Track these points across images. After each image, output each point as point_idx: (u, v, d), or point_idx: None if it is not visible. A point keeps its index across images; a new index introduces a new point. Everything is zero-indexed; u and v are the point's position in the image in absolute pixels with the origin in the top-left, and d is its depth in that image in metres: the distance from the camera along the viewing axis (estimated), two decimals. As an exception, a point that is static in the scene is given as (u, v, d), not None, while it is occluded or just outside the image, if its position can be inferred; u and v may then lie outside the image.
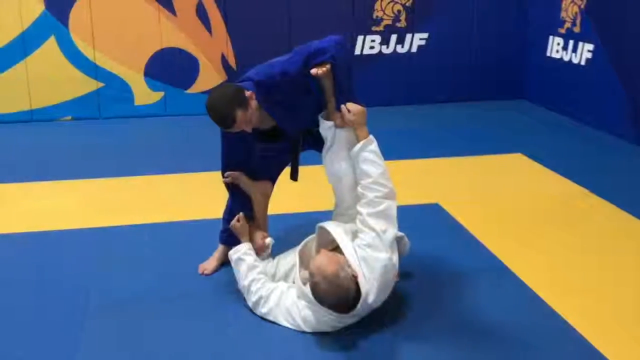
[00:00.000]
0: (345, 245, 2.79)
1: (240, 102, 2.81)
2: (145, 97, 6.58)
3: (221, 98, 2.82)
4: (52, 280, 3.34)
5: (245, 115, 2.82)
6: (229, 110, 2.79)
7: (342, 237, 2.83)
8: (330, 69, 2.85)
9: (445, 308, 3.06)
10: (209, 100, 2.85)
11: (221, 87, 2.94)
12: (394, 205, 2.89)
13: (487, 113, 6.81)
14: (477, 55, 7.07)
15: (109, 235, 3.89)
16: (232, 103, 2.79)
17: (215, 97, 2.85)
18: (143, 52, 6.46)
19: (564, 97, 6.60)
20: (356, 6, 6.72)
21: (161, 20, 6.38)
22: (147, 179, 4.88)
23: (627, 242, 3.76)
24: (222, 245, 3.45)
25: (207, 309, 3.07)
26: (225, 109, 2.80)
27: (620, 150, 5.53)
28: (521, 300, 3.15)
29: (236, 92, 2.83)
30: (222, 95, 2.83)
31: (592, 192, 4.50)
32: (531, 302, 3.12)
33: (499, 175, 4.97)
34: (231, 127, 2.84)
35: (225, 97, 2.81)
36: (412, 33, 6.90)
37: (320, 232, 2.97)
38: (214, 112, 2.82)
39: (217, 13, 6.46)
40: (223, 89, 2.89)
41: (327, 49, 2.87)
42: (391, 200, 2.88)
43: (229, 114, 2.79)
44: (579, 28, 6.31)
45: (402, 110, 6.83)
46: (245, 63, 6.53)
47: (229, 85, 2.94)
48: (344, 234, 2.84)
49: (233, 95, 2.81)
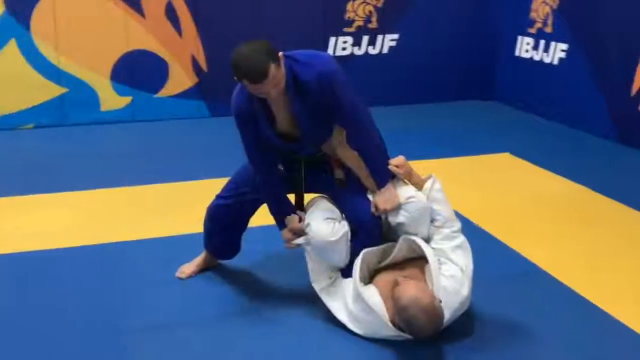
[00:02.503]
0: (435, 269, 2.67)
1: (274, 57, 2.54)
2: (112, 102, 6.26)
3: (256, 48, 2.52)
4: (69, 302, 3.08)
5: (277, 73, 2.54)
6: (264, 61, 2.49)
7: (434, 259, 2.70)
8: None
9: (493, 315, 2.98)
10: (241, 51, 2.54)
11: (249, 42, 2.59)
12: (466, 240, 2.84)
13: (460, 113, 6.82)
14: (447, 55, 7.07)
15: (99, 252, 3.60)
16: (267, 54, 2.51)
17: (248, 47, 2.53)
18: (109, 55, 6.15)
19: (536, 96, 6.67)
20: (328, 7, 6.61)
21: (128, 22, 6.09)
22: (119, 191, 4.54)
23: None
24: (206, 252, 3.29)
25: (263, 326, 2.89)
26: (261, 59, 2.49)
27: (601, 147, 5.62)
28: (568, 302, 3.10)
29: (270, 46, 2.57)
30: (256, 47, 2.53)
31: (591, 190, 4.54)
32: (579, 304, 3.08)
33: (495, 175, 4.95)
34: (262, 80, 2.52)
35: (261, 48, 2.53)
36: (383, 34, 6.84)
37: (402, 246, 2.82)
38: (248, 61, 2.50)
39: (187, 13, 6.21)
40: (254, 42, 2.57)
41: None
42: (463, 235, 2.84)
43: (264, 65, 2.49)
44: (550, 28, 6.39)
45: (375, 111, 6.66)
46: (216, 65, 6.35)
47: (258, 40, 2.61)
48: (434, 255, 2.72)
49: (268, 48, 2.54)
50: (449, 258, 2.75)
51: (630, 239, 3.79)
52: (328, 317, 2.86)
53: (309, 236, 2.81)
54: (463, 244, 2.80)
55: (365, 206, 2.81)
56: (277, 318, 2.93)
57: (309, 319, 2.91)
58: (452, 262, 2.74)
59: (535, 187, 4.67)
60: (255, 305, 3.04)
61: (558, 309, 3.04)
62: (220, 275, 3.31)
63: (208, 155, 5.39)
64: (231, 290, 3.18)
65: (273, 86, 2.56)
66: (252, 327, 2.87)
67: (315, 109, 2.71)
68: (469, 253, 2.80)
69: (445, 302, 2.62)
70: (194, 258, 3.36)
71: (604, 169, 5.05)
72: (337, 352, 2.71)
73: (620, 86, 5.58)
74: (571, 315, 2.98)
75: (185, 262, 3.37)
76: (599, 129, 5.87)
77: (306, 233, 2.83)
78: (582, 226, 3.98)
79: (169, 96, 6.37)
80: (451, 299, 2.65)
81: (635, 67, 5.42)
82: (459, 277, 2.70)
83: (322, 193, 2.98)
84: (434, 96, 7.13)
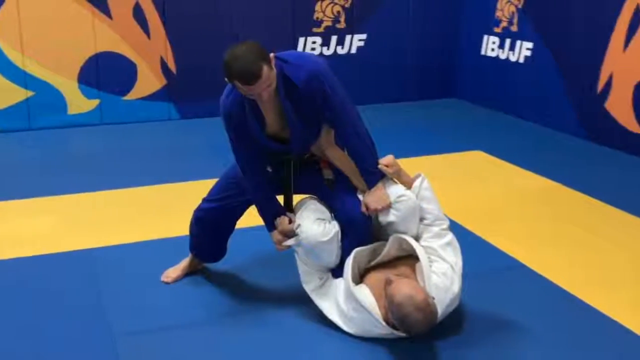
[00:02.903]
0: (426, 266, 2.69)
1: (266, 58, 2.54)
2: (80, 105, 6.14)
3: (249, 50, 2.51)
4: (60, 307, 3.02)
5: (270, 74, 2.54)
6: (257, 63, 2.49)
7: (424, 257, 2.72)
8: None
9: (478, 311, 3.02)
10: (233, 52, 2.52)
11: (241, 43, 2.58)
12: (455, 237, 2.87)
13: (429, 112, 6.89)
14: (414, 55, 7.14)
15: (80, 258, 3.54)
16: (260, 56, 2.51)
17: (240, 49, 2.52)
18: (76, 57, 6.03)
19: (502, 94, 6.78)
20: (297, 8, 6.61)
21: (95, 23, 5.99)
22: (92, 196, 4.46)
23: (624, 232, 3.89)
24: (192, 256, 3.27)
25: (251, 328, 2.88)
26: (254, 60, 2.48)
27: (569, 144, 5.74)
28: (550, 295, 3.16)
29: (262, 47, 2.56)
30: (249, 47, 2.52)
31: (563, 185, 4.64)
32: (561, 297, 3.14)
33: (470, 172, 5.02)
34: (256, 82, 2.50)
35: (254, 49, 2.52)
36: (352, 34, 6.87)
37: (392, 245, 2.83)
38: (241, 62, 2.48)
39: (155, 14, 6.14)
40: (245, 43, 2.57)
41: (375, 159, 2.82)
42: (452, 233, 2.86)
43: (258, 66, 2.48)
44: (516, 27, 6.49)
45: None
46: (186, 67, 6.30)
47: (250, 41, 2.60)
48: (425, 253, 2.74)
49: (260, 49, 2.54)
50: (439, 255, 2.78)
51: (602, 231, 3.89)
52: (319, 317, 2.87)
53: (300, 237, 2.81)
54: (452, 241, 2.84)
55: (356, 206, 2.82)
56: (268, 320, 2.93)
57: (300, 320, 2.91)
58: (443, 259, 2.77)
59: (509, 184, 4.75)
60: (245, 307, 3.03)
61: (541, 302, 3.10)
62: (208, 278, 3.28)
63: (179, 158, 5.34)
64: (220, 293, 3.16)
65: (265, 87, 2.55)
66: (244, 329, 2.86)
67: (306, 110, 2.72)
68: (458, 250, 2.83)
69: (437, 299, 2.65)
70: (179, 262, 3.33)
71: (573, 165, 5.16)
72: (330, 352, 2.72)
73: (587, 83, 5.70)
74: (554, 308, 3.05)
75: (169, 266, 3.34)
76: (566, 126, 5.99)
77: (296, 234, 2.83)
78: (556, 221, 4.06)
79: (138, 98, 6.29)
80: (442, 295, 2.68)
81: (601, 65, 5.55)
82: (450, 274, 2.73)
83: (311, 194, 2.98)
84: (403, 95, 7.19)
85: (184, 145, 5.69)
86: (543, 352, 2.70)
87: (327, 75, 2.70)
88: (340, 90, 2.74)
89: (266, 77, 2.52)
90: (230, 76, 2.54)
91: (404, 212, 2.78)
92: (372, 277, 2.81)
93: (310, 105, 2.70)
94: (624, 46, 5.33)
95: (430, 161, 5.23)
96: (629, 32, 5.27)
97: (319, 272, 2.90)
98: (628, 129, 5.38)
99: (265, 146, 2.81)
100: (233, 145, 2.85)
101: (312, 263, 2.87)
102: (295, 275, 2.96)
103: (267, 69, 2.52)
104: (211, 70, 6.25)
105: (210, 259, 3.28)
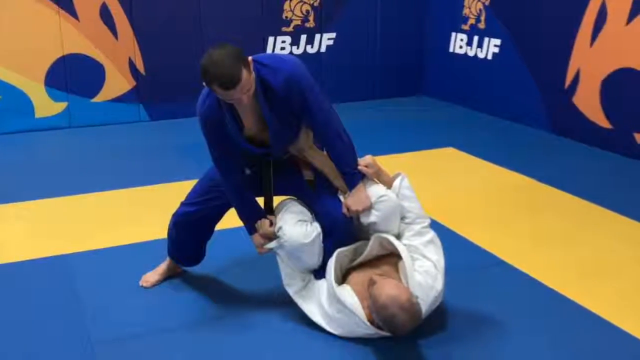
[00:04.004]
0: (409, 265, 2.70)
1: (245, 62, 2.50)
2: (47, 108, 6.05)
3: (228, 54, 2.46)
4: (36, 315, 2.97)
5: (249, 78, 2.50)
6: (237, 67, 2.44)
7: (407, 255, 2.73)
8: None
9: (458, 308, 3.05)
10: (212, 56, 2.46)
11: (219, 46, 2.53)
12: (436, 235, 2.88)
13: (399, 110, 6.93)
14: (383, 53, 7.17)
15: (54, 264, 3.47)
16: (239, 60, 2.47)
17: (219, 52, 2.46)
18: (43, 59, 5.93)
19: (471, 91, 6.84)
20: (265, 7, 6.58)
21: (62, 25, 5.89)
22: (63, 201, 4.38)
23: (598, 225, 3.96)
24: (170, 260, 3.24)
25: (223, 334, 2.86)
26: (233, 64, 2.44)
27: (538, 139, 5.82)
28: (528, 288, 3.20)
29: (240, 51, 2.52)
30: (228, 52, 2.47)
31: (534, 179, 4.71)
32: (543, 293, 3.18)
33: (443, 169, 5.05)
34: (235, 86, 2.46)
35: (232, 53, 2.47)
36: (321, 33, 6.87)
37: (374, 244, 2.83)
38: (219, 67, 2.43)
39: (123, 15, 6.06)
40: (223, 47, 2.51)
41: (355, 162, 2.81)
42: (433, 231, 2.88)
43: (237, 70, 2.44)
44: (483, 24, 6.55)
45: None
46: (154, 67, 6.24)
47: (227, 45, 2.55)
48: (407, 251, 2.75)
49: (239, 53, 2.49)
50: (421, 254, 2.79)
51: (578, 225, 3.95)
52: (303, 319, 2.86)
53: (282, 240, 2.80)
54: (434, 239, 2.85)
55: (337, 206, 2.82)
56: (250, 323, 2.91)
57: (283, 322, 2.90)
58: (425, 257, 2.78)
59: (483, 180, 4.79)
60: (226, 311, 3.01)
61: (521, 297, 3.14)
62: (187, 282, 3.25)
63: (149, 161, 5.28)
64: (200, 296, 3.13)
65: (245, 92, 2.52)
66: (226, 333, 2.84)
67: (284, 113, 2.70)
68: (440, 248, 2.85)
69: (421, 297, 2.66)
70: (156, 266, 3.30)
71: (543, 160, 5.23)
72: (314, 353, 2.71)
73: (554, 79, 5.79)
74: (534, 302, 3.09)
75: (146, 271, 3.29)
76: (534, 121, 6.07)
77: (278, 237, 2.82)
78: (531, 216, 4.11)
79: (106, 100, 6.21)
80: (426, 294, 2.69)
81: (568, 61, 5.63)
82: (433, 272, 2.74)
83: (291, 195, 2.97)
84: (373, 94, 7.23)
85: (154, 147, 5.63)
86: (525, 345, 2.73)
87: (305, 77, 2.69)
88: (319, 92, 2.73)
89: (246, 82, 2.49)
90: (208, 81, 2.50)
91: (385, 212, 2.78)
92: (354, 277, 2.81)
93: (289, 107, 2.69)
94: (590, 42, 5.42)
95: (403, 159, 5.25)
96: (595, 27, 5.36)
97: (301, 274, 2.89)
98: (596, 123, 5.47)
99: (244, 149, 2.79)
100: (211, 149, 2.82)
101: (294, 265, 2.86)
102: (276, 276, 2.95)
103: (246, 73, 2.50)
104: (181, 71, 6.23)
105: (190, 262, 3.26)
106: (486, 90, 6.63)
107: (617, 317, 2.92)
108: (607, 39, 5.28)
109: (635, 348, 2.72)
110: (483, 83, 6.66)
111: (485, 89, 6.65)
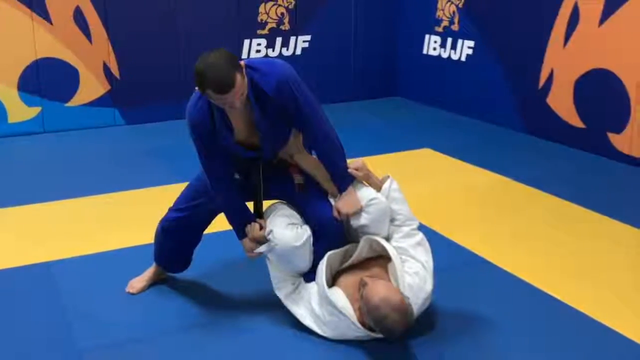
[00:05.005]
0: (399, 267, 2.72)
1: (238, 66, 2.52)
2: (20, 113, 5.97)
3: (221, 58, 2.48)
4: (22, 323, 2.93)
5: (242, 82, 2.51)
6: (230, 71, 2.46)
7: (397, 257, 2.75)
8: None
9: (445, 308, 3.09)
10: (205, 61, 2.48)
11: (212, 51, 2.52)
12: (425, 237, 2.92)
13: (374, 112, 6.97)
14: (357, 55, 7.22)
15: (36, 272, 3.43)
16: (232, 64, 2.49)
17: (212, 57, 2.48)
18: (15, 64, 5.85)
19: (445, 92, 6.91)
20: (241, 9, 6.57)
21: (35, 28, 5.82)
22: (38, 208, 4.32)
23: (577, 223, 4.03)
24: (157, 265, 3.23)
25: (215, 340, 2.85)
26: (227, 69, 2.45)
27: (512, 139, 5.91)
28: (515, 289, 3.25)
29: (233, 55, 2.54)
30: (221, 56, 2.49)
31: (510, 179, 4.78)
32: (527, 291, 3.23)
33: (421, 170, 5.10)
34: (229, 90, 2.47)
35: (226, 58, 2.49)
36: (296, 35, 6.88)
37: (364, 246, 2.85)
38: (214, 71, 2.44)
39: (97, 18, 6.01)
40: (217, 52, 2.51)
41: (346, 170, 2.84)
42: (421, 232, 2.91)
43: (231, 75, 2.46)
44: (457, 26, 6.63)
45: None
46: (129, 71, 6.19)
47: (220, 49, 2.56)
48: (397, 253, 2.77)
49: (232, 57, 2.51)
50: (410, 255, 2.82)
51: (557, 224, 4.02)
52: (293, 322, 2.87)
53: (272, 243, 2.80)
54: (422, 240, 2.88)
55: (327, 209, 2.83)
56: (240, 327, 2.91)
57: (274, 326, 2.90)
58: (414, 259, 2.81)
59: (461, 180, 4.85)
60: (215, 316, 3.00)
61: (505, 295, 3.19)
62: (174, 287, 3.24)
63: (126, 165, 5.24)
64: (188, 302, 3.12)
65: (238, 96, 2.52)
66: (215, 338, 2.83)
67: (275, 117, 2.71)
68: (429, 249, 2.88)
69: (411, 298, 2.69)
70: (142, 272, 3.28)
71: (519, 160, 5.31)
72: (305, 357, 2.72)
73: (528, 79, 5.87)
74: (518, 299, 3.14)
75: (131, 277, 3.27)
76: (509, 122, 6.15)
77: (268, 240, 2.82)
78: (509, 213, 4.19)
79: (81, 105, 6.15)
80: (416, 295, 2.72)
81: (541, 61, 5.72)
82: (422, 274, 2.77)
83: (281, 199, 2.97)
84: (348, 95, 7.26)
85: (130, 152, 5.57)
86: (511, 342, 2.77)
87: (296, 81, 2.71)
88: (310, 96, 2.75)
89: (239, 86, 2.50)
90: (203, 86, 2.50)
91: (375, 215, 2.81)
92: (345, 279, 2.83)
93: (281, 111, 2.70)
94: (563, 42, 5.51)
95: (380, 160, 5.27)
96: (569, 28, 5.45)
97: (291, 278, 2.90)
98: (569, 123, 5.56)
99: (235, 153, 2.79)
100: (200, 154, 2.81)
101: (284, 268, 2.87)
102: (266, 279, 2.95)
103: (240, 78, 2.51)
104: (156, 75, 6.20)
105: (176, 268, 3.24)
106: (460, 91, 6.71)
107: (600, 314, 2.98)
108: (580, 40, 5.37)
109: (618, 343, 2.78)
110: (457, 84, 6.73)
111: (459, 90, 6.72)
